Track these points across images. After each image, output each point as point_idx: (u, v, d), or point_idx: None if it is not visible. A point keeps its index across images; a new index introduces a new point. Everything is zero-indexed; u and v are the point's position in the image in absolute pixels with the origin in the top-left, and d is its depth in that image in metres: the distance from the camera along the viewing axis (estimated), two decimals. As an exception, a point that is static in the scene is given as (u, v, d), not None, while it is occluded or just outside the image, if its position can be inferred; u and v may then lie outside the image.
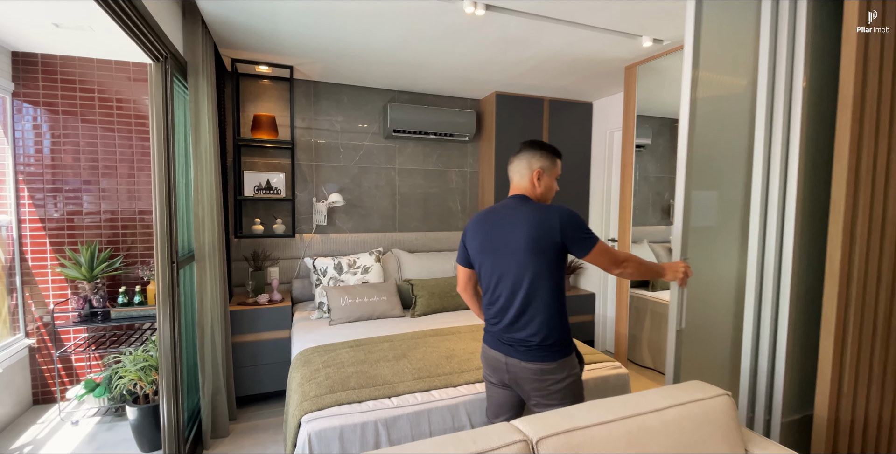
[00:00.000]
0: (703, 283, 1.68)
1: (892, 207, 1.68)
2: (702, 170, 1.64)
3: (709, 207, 1.68)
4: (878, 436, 1.80)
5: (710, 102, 1.62)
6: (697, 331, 1.68)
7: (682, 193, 1.59)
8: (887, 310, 1.71)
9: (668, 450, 1.06)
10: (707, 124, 1.62)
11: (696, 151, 1.61)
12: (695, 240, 1.66)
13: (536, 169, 1.47)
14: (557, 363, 1.40)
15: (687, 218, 1.59)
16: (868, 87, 1.58)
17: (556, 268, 1.39)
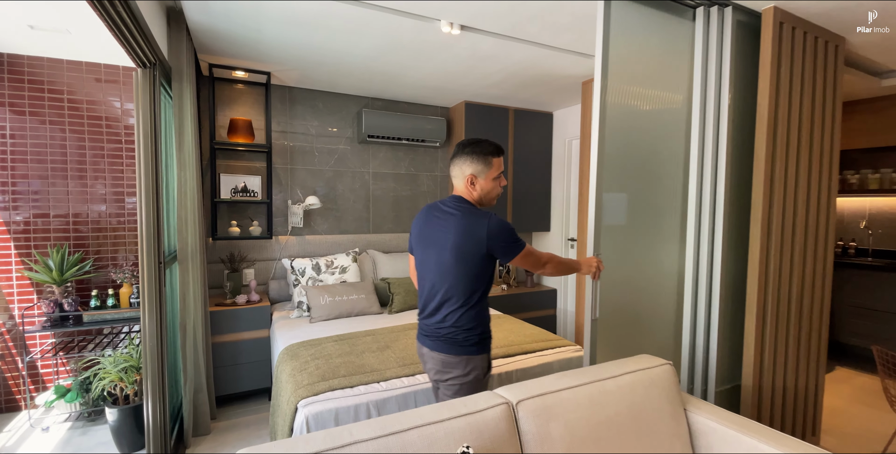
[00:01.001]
0: (648, 275, 1.93)
1: (801, 207, 2.01)
2: (645, 173, 1.87)
3: (651, 206, 1.92)
4: (795, 401, 2.12)
5: (653, 115, 1.88)
6: (646, 315, 1.93)
7: (594, 195, 1.69)
8: (798, 295, 2.04)
9: (621, 408, 1.27)
10: (650, 133, 1.87)
11: (642, 157, 1.86)
12: (633, 235, 1.88)
13: (468, 175, 1.47)
14: (461, 358, 1.44)
15: (599, 217, 1.71)
16: (780, 106, 1.89)
17: (478, 274, 1.43)
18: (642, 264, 1.89)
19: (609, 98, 1.70)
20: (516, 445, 1.13)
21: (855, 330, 3.37)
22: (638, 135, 1.82)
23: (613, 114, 1.72)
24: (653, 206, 1.90)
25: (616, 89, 1.72)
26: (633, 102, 1.80)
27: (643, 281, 1.90)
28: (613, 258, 1.79)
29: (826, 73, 2.07)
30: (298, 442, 0.98)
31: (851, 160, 3.71)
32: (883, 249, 3.59)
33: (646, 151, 1.85)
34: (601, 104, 1.66)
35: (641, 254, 1.89)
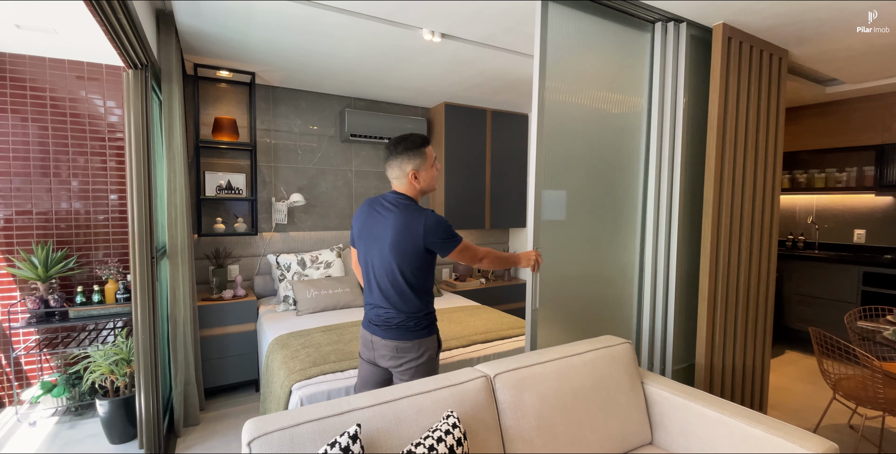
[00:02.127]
0: (604, 266, 2.10)
1: (747, 204, 2.23)
2: (598, 171, 2.02)
3: (607, 202, 2.07)
4: (744, 378, 2.35)
5: (609, 117, 2.04)
6: (607, 301, 2.12)
7: (534, 192, 1.77)
8: (746, 283, 2.26)
9: (586, 380, 1.45)
10: (604, 134, 2.02)
11: (596, 156, 2.00)
12: (588, 229, 2.01)
13: (410, 172, 1.54)
14: (413, 342, 1.51)
15: (538, 213, 1.78)
16: (728, 112, 2.10)
17: (419, 267, 1.50)
18: (598, 256, 2.05)
19: (554, 98, 1.80)
20: (494, 412, 1.29)
21: (802, 316, 3.67)
22: (595, 135, 1.98)
23: (561, 114, 1.84)
24: (608, 202, 2.05)
25: (564, 91, 1.84)
26: (586, 104, 1.93)
27: (599, 271, 2.06)
28: (572, 250, 1.94)
29: (770, 83, 2.29)
30: (303, 411, 1.11)
31: (801, 161, 4.02)
32: (828, 242, 3.92)
33: (598, 151, 2.00)
34: (539, 104, 1.74)
35: (597, 247, 2.04)
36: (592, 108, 1.96)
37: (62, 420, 2.55)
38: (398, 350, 1.52)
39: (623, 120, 2.07)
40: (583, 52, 1.90)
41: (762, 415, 1.38)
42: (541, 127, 1.77)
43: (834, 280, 3.48)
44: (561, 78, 1.83)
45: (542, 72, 1.74)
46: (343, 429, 1.05)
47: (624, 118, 2.07)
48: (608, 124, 2.02)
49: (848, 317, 2.40)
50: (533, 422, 1.31)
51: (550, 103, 1.81)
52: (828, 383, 2.17)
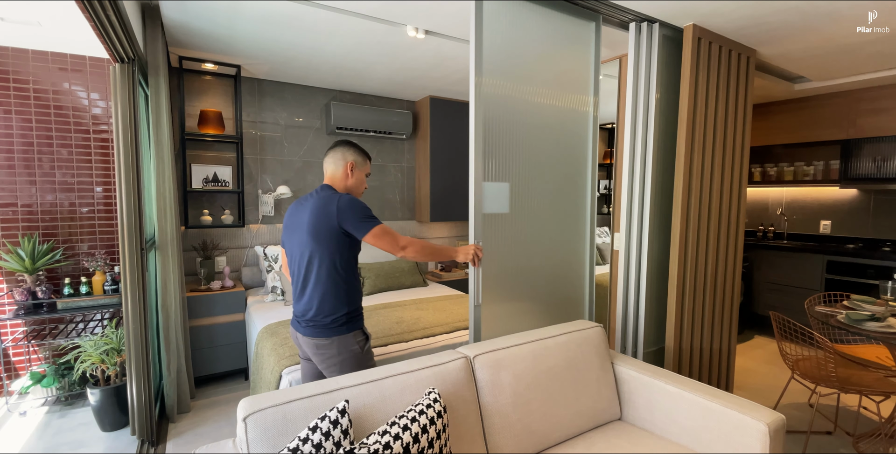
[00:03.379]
0: (556, 256, 2.08)
1: (715, 196, 2.35)
2: (556, 163, 2.02)
3: (562, 194, 2.06)
4: (711, 360, 2.50)
5: (561, 110, 2.03)
6: (560, 291, 2.10)
7: (474, 184, 1.72)
8: (713, 271, 2.40)
9: (559, 361, 1.56)
10: (558, 127, 2.03)
11: (552, 149, 2.00)
12: (541, 221, 1.99)
13: (350, 161, 1.59)
14: (330, 340, 1.50)
15: (479, 206, 1.74)
16: (698, 108, 2.21)
17: (335, 251, 1.48)
18: (547, 247, 2.02)
19: (494, 90, 1.77)
20: (473, 390, 1.39)
21: (770, 303, 3.86)
22: (541, 128, 1.95)
23: (503, 106, 1.80)
24: (557, 193, 2.02)
25: (505, 82, 1.80)
26: (531, 96, 1.91)
27: (548, 262, 2.02)
28: (518, 243, 1.90)
29: (738, 81, 2.41)
30: (295, 390, 1.19)
31: (773, 154, 4.18)
32: (796, 233, 4.11)
33: (545, 143, 1.97)
34: (476, 96, 1.70)
35: (545, 239, 2.01)
36: (538, 101, 1.93)
37: (52, 410, 2.59)
38: (317, 347, 1.51)
39: (570, 113, 2.05)
40: (527, 44, 1.87)
41: (720, 391, 1.51)
42: (478, 119, 1.72)
43: (800, 268, 3.67)
44: (501, 69, 1.79)
45: (478, 63, 1.71)
46: (332, 406, 1.14)
47: (571, 111, 2.05)
48: (555, 117, 2.00)
49: (808, 302, 2.56)
50: (509, 399, 1.41)
51: (491, 95, 1.78)
52: (787, 364, 2.32)
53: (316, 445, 0.99)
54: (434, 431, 1.11)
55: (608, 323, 2.65)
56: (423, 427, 1.08)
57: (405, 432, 1.05)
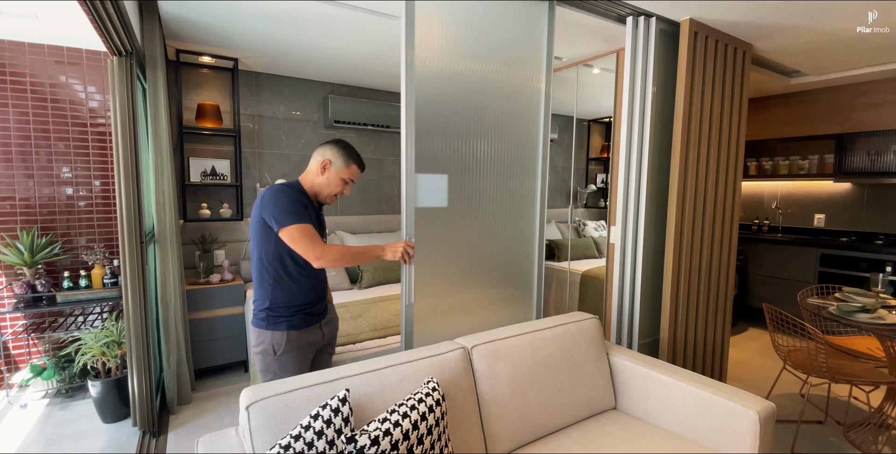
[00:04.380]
0: (503, 251, 1.91)
1: (710, 190, 2.38)
2: (503, 153, 1.86)
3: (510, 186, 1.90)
4: (705, 352, 2.53)
5: (510, 98, 1.87)
6: (508, 286, 1.96)
7: (406, 177, 1.57)
8: (708, 263, 2.43)
9: (555, 351, 1.59)
10: (506, 117, 1.87)
11: (499, 139, 1.84)
12: (493, 214, 1.85)
13: (325, 159, 1.53)
14: (254, 330, 1.51)
15: (411, 200, 1.59)
16: (694, 102, 2.22)
17: (263, 242, 1.46)
18: (492, 242, 1.87)
19: (433, 71, 1.60)
20: (471, 379, 1.42)
21: (764, 295, 3.91)
22: (487, 117, 1.79)
23: (442, 92, 1.64)
24: (504, 185, 1.87)
25: (446, 64, 1.63)
26: (476, 81, 1.74)
27: (494, 257, 1.89)
28: (458, 238, 1.75)
29: (734, 75, 2.42)
30: (296, 379, 1.21)
31: (769, 149, 4.21)
32: (790, 226, 4.15)
33: (491, 132, 1.82)
34: (407, 77, 1.53)
35: (490, 233, 1.86)
36: (484, 85, 1.76)
37: (53, 402, 2.62)
38: (251, 333, 1.54)
39: (520, 96, 1.88)
40: (472, 21, 1.71)
41: (711, 380, 1.54)
42: (409, 101, 1.55)
43: (794, 261, 3.71)
44: (442, 47, 1.62)
45: (409, 37, 1.53)
46: (333, 394, 1.16)
47: (521, 95, 1.88)
48: (504, 101, 1.83)
49: (801, 294, 2.60)
50: (506, 389, 1.44)
51: (428, 76, 1.57)
52: (779, 355, 2.36)
53: (318, 432, 1.01)
54: (433, 419, 1.14)
55: (604, 314, 2.68)
56: (422, 414, 1.11)
57: (405, 419, 1.08)
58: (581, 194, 4.85)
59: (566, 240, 3.95)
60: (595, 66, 2.92)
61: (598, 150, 4.86)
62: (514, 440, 1.44)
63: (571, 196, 4.91)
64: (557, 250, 3.85)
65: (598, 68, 2.90)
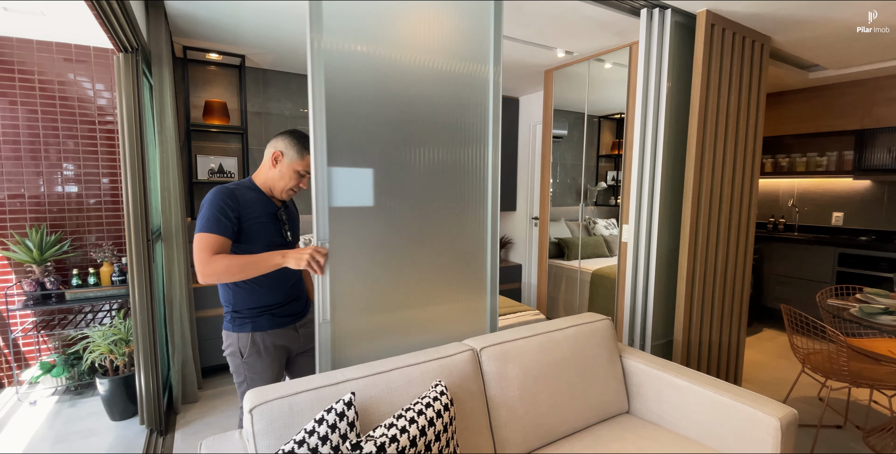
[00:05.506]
0: (445, 254, 1.67)
1: (727, 187, 2.31)
2: (444, 144, 1.62)
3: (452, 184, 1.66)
4: (720, 353, 2.47)
5: (452, 83, 1.63)
6: (452, 294, 1.70)
7: (316, 171, 1.36)
8: (724, 263, 2.36)
9: (566, 353, 1.54)
10: (457, 103, 1.64)
11: (437, 127, 1.59)
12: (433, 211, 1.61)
13: (277, 150, 1.45)
14: (224, 332, 1.49)
15: (323, 198, 1.38)
16: (710, 97, 2.16)
17: None
18: (433, 244, 1.61)
19: (348, 50, 1.39)
20: (480, 382, 1.38)
21: (780, 296, 3.82)
22: (422, 103, 1.55)
23: (361, 73, 1.42)
24: (444, 180, 1.63)
25: (364, 43, 1.42)
26: (407, 63, 1.51)
27: (433, 261, 1.62)
28: (388, 241, 1.51)
29: (752, 69, 2.35)
30: (301, 382, 1.18)
31: (785, 145, 4.11)
32: (807, 225, 4.04)
33: (428, 119, 1.58)
34: (313, 56, 1.33)
35: (429, 234, 1.60)
36: (419, 68, 1.53)
37: (62, 399, 2.62)
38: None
39: (465, 84, 1.64)
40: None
41: (729, 384, 1.49)
42: (317, 86, 1.34)
43: (811, 261, 3.62)
44: (359, 24, 1.41)
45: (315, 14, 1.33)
46: (338, 398, 1.13)
47: (466, 82, 1.64)
48: (444, 88, 1.59)
49: (820, 295, 2.52)
50: (516, 392, 1.40)
51: (342, 53, 1.38)
52: (797, 357, 2.29)
53: (322, 438, 0.98)
54: (441, 424, 1.10)
55: (615, 315, 2.62)
56: (429, 420, 1.07)
57: (412, 425, 1.04)
58: (591, 192, 4.78)
59: (576, 238, 3.89)
60: (607, 61, 2.85)
61: (609, 146, 4.78)
62: (524, 445, 1.40)
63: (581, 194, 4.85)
64: (567, 249, 3.79)
65: (611, 63, 2.84)
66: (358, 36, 1.41)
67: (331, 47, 1.36)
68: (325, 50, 1.35)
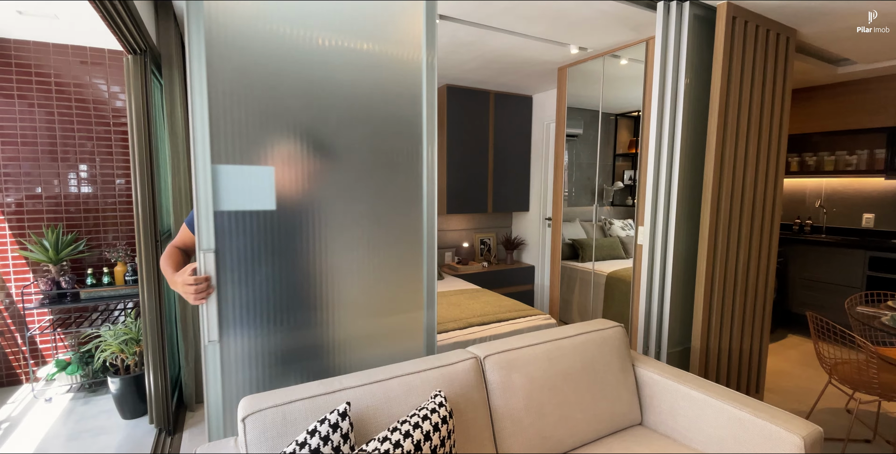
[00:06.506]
0: (370, 264, 1.50)
1: (749, 187, 2.21)
2: (369, 136, 1.46)
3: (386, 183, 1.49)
4: (740, 362, 2.37)
5: (377, 68, 1.46)
6: (382, 311, 1.52)
7: (198, 169, 1.20)
8: (745, 267, 2.26)
9: (575, 362, 1.48)
10: (382, 91, 1.47)
11: (361, 117, 1.42)
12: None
13: None
14: None
15: (207, 201, 1.21)
16: (731, 93, 2.06)
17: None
18: (353, 253, 1.45)
19: (240, 24, 1.22)
20: (483, 392, 1.33)
21: (806, 301, 3.66)
22: (339, 89, 1.39)
23: (259, 50, 1.25)
24: (371, 178, 1.46)
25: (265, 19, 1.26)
26: (323, 43, 1.35)
27: (353, 271, 1.45)
28: (297, 249, 1.35)
29: (777, 63, 2.23)
30: (297, 389, 1.15)
31: (812, 143, 3.93)
32: (835, 227, 3.86)
33: (345, 107, 1.40)
34: (190, 37, 1.16)
35: (348, 240, 1.44)
36: (331, 53, 1.36)
37: (77, 396, 2.67)
38: None
39: (391, 73, 1.47)
40: None
41: (749, 398, 1.40)
42: (197, 66, 1.17)
43: (839, 264, 3.45)
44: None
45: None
46: (333, 407, 1.09)
47: (392, 71, 1.47)
48: (365, 77, 1.42)
49: (849, 302, 2.39)
50: (521, 403, 1.35)
51: (233, 33, 1.20)
52: (824, 368, 2.18)
53: (313, 451, 0.94)
54: (438, 438, 1.05)
55: (630, 321, 2.54)
56: (426, 433, 1.03)
57: (406, 439, 1.00)
58: (607, 192, 4.67)
59: (591, 239, 3.80)
60: (623, 57, 2.76)
61: (626, 145, 4.66)
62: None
63: (596, 193, 4.74)
64: (581, 250, 3.70)
65: (627, 59, 2.74)
66: (254, 12, 1.24)
67: (216, 22, 1.16)
68: (209, 24, 1.16)
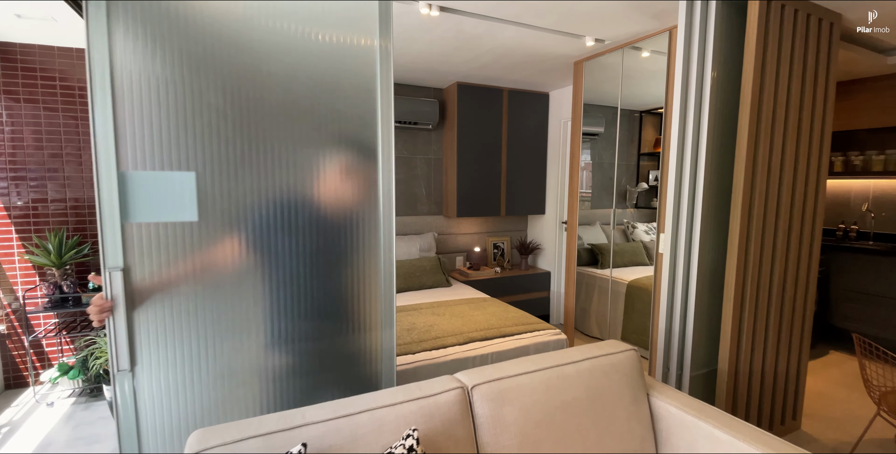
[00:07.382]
0: (321, 282, 1.38)
1: (786, 191, 1.97)
2: (322, 138, 1.32)
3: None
4: (775, 385, 2.13)
5: (327, 58, 1.32)
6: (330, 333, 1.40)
7: (101, 175, 1.12)
8: (781, 280, 2.02)
9: (579, 392, 1.30)
10: (332, 85, 1.33)
11: (305, 115, 1.28)
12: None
13: None
14: None
15: (112, 212, 1.12)
16: (766, 86, 1.83)
17: None
18: (303, 265, 1.32)
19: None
20: (469, 428, 1.17)
21: (850, 314, 3.33)
22: (295, 84, 1.27)
23: (186, 35, 1.13)
24: (326, 185, 1.33)
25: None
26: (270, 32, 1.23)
27: (308, 298, 1.35)
28: (222, 263, 1.23)
29: (819, 53, 1.99)
30: (252, 423, 1.02)
31: (858, 141, 3.59)
32: (885, 233, 3.51)
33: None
34: (89, 17, 1.05)
35: (295, 252, 1.31)
36: (267, 41, 1.23)
37: (78, 401, 2.64)
38: None
39: (338, 63, 1.31)
40: None
41: (783, 443, 1.19)
42: (97, 54, 1.05)
43: (888, 274, 3.12)
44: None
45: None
46: (289, 448, 0.96)
47: (339, 61, 1.31)
48: (307, 68, 1.28)
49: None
50: (514, 440, 1.18)
51: (142, 12, 1.08)
52: (871, 397, 1.92)
53: (254, 505, 0.81)
54: (405, 490, 0.90)
55: (651, 337, 2.32)
56: (388, 486, 0.88)
57: (364, 494, 0.85)
58: (631, 193, 4.42)
59: (610, 244, 3.57)
60: (644, 49, 2.54)
61: (651, 144, 4.40)
62: (523, 502, 1.18)
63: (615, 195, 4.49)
64: (601, 256, 3.48)
65: (648, 50, 2.53)
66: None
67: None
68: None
